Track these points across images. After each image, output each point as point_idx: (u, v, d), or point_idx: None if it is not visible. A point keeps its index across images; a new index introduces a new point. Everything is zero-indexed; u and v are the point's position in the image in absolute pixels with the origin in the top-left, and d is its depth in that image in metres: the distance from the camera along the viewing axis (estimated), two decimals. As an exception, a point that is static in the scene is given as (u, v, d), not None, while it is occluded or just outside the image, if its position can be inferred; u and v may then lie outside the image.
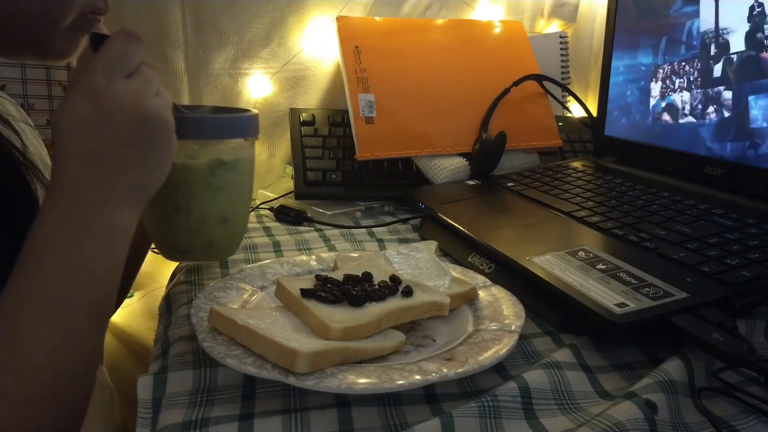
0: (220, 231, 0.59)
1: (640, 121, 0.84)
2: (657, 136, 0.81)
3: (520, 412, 0.41)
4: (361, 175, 0.87)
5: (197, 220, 0.57)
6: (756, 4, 0.67)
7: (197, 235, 0.58)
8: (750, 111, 0.68)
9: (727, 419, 0.42)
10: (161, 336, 0.53)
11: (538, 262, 0.56)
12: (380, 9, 1.03)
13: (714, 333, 0.43)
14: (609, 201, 0.71)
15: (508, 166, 0.91)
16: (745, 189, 0.68)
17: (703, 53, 0.74)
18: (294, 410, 0.41)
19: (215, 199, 0.57)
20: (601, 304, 0.48)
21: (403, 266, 0.59)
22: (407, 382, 0.40)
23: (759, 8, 0.67)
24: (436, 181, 0.87)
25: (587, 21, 1.15)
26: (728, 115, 0.71)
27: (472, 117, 0.91)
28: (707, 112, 0.74)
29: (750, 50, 0.68)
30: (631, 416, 0.38)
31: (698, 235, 0.59)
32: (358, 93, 0.88)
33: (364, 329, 0.46)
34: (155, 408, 0.42)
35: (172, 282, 0.65)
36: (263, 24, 0.95)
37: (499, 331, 0.48)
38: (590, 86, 1.14)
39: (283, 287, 0.50)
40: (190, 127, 0.54)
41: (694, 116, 0.75)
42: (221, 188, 0.57)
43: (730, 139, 0.71)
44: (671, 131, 0.79)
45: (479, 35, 1.01)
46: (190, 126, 0.54)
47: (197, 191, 0.56)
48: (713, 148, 0.73)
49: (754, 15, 0.67)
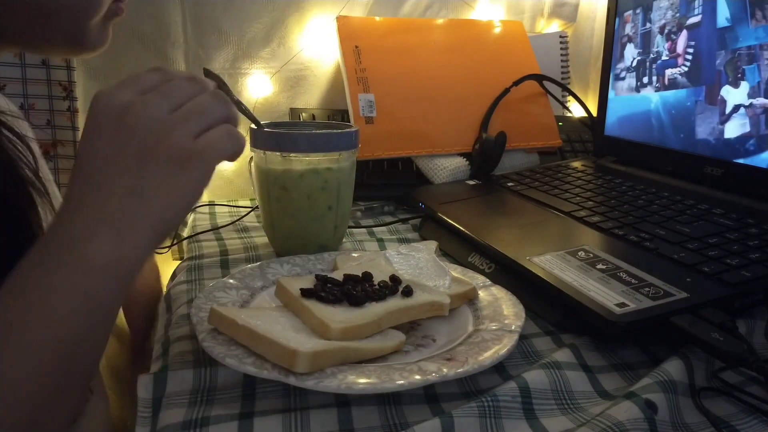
0: (347, 222, 0.72)
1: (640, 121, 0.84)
2: (657, 135, 0.81)
3: (520, 412, 0.41)
4: (361, 175, 0.87)
5: (342, 216, 0.68)
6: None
7: (339, 229, 0.69)
8: (750, 110, 0.68)
9: (727, 419, 0.42)
10: (162, 336, 0.53)
11: (538, 262, 0.56)
12: (380, 9, 1.03)
13: (714, 333, 0.43)
14: (609, 201, 0.71)
15: (508, 166, 0.91)
16: (745, 189, 0.68)
17: (703, 53, 0.74)
18: (294, 410, 0.41)
19: (349, 195, 0.69)
20: (601, 304, 0.48)
21: (403, 266, 0.59)
22: (407, 382, 0.40)
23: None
24: (436, 181, 0.87)
25: (587, 21, 1.15)
26: (729, 114, 0.71)
27: (472, 117, 0.91)
28: (707, 112, 0.74)
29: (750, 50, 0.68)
30: (631, 416, 0.38)
31: (698, 235, 0.59)
32: (358, 93, 0.88)
33: (364, 329, 0.46)
34: (155, 407, 0.42)
35: (172, 282, 0.65)
36: (263, 24, 0.95)
37: (499, 331, 0.48)
38: (590, 86, 1.14)
39: (283, 287, 0.50)
40: (342, 140, 0.65)
41: (695, 116, 0.75)
42: (350, 185, 0.69)
43: (730, 138, 0.71)
44: (671, 131, 0.79)
45: (479, 35, 1.01)
46: (342, 139, 0.65)
47: (344, 191, 0.67)
48: (713, 147, 0.73)
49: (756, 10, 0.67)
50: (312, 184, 0.64)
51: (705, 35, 0.74)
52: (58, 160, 0.91)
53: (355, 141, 0.67)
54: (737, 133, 0.70)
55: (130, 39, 0.89)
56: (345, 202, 0.68)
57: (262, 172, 0.66)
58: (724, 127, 0.71)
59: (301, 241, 0.67)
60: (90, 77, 0.91)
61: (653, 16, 0.82)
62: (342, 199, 0.67)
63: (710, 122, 0.73)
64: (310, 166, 0.64)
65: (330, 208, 0.66)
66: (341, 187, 0.66)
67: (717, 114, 0.72)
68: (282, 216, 0.67)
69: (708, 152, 0.73)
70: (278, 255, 0.68)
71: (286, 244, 0.68)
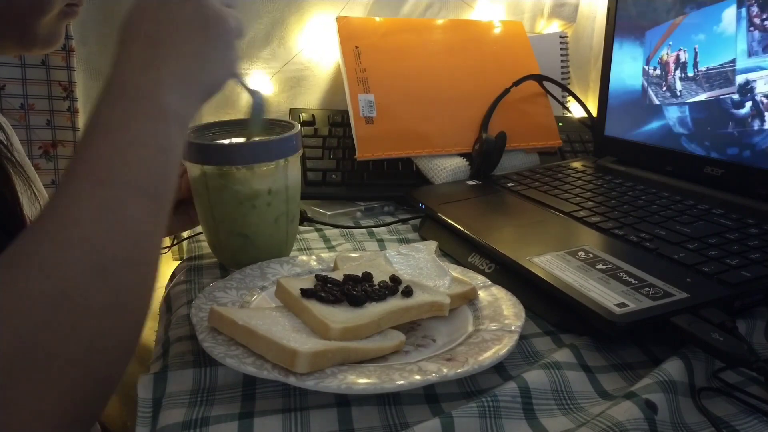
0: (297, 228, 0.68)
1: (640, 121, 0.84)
2: (657, 136, 0.81)
3: (520, 412, 0.41)
4: (361, 175, 0.87)
5: (292, 222, 0.64)
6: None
7: (290, 238, 0.65)
8: (750, 110, 0.68)
9: (727, 419, 0.42)
10: (162, 336, 0.53)
11: (538, 262, 0.56)
12: (380, 9, 1.03)
13: (714, 333, 0.43)
14: (609, 201, 0.71)
15: (508, 166, 0.91)
16: (745, 189, 0.68)
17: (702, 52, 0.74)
18: (294, 410, 0.41)
19: (297, 201, 0.65)
20: (601, 304, 0.48)
21: (403, 266, 0.59)
22: (407, 382, 0.40)
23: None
24: (436, 181, 0.87)
25: (587, 21, 1.15)
26: (729, 114, 0.71)
27: (472, 117, 0.91)
28: (708, 112, 0.74)
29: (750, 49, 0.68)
30: (631, 416, 0.39)
31: (698, 235, 0.59)
32: (358, 93, 0.88)
33: (364, 329, 0.46)
34: (155, 407, 0.42)
35: (172, 282, 0.65)
36: (263, 24, 0.95)
37: (499, 331, 0.48)
38: (590, 86, 1.14)
39: (283, 287, 0.50)
40: (284, 146, 0.60)
41: (695, 115, 0.75)
42: (297, 191, 0.65)
43: (730, 138, 0.71)
44: (671, 131, 0.79)
45: (479, 35, 1.01)
46: (284, 144, 0.60)
47: (292, 200, 0.63)
48: (713, 148, 0.73)
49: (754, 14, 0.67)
50: (256, 197, 0.59)
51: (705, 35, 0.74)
52: (58, 160, 0.91)
53: (297, 144, 0.61)
54: (737, 133, 0.70)
55: (130, 39, 0.89)
56: (293, 209, 0.63)
57: (199, 186, 0.60)
58: (725, 126, 0.71)
59: (252, 255, 0.62)
60: (90, 77, 0.91)
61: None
62: (291, 208, 0.62)
63: (711, 122, 0.73)
64: (251, 178, 0.58)
65: (277, 220, 0.61)
66: (289, 197, 0.61)
67: (717, 114, 0.72)
68: (229, 234, 0.61)
69: (708, 152, 0.73)
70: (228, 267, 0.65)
71: (235, 258, 0.63)
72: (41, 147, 0.90)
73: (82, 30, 0.89)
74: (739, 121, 0.70)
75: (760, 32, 0.67)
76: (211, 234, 0.64)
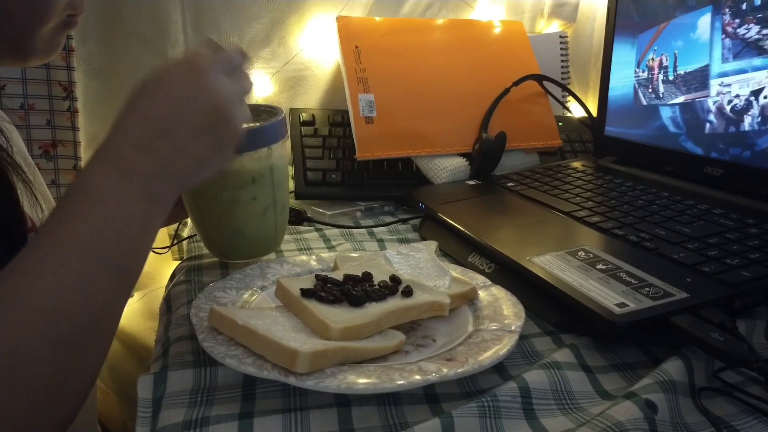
0: (287, 219, 0.67)
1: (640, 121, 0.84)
2: (657, 135, 0.81)
3: (520, 412, 0.41)
4: (361, 175, 0.87)
5: (281, 213, 0.63)
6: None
7: (280, 228, 0.64)
8: (750, 110, 0.68)
9: (727, 419, 0.42)
10: (162, 336, 0.53)
11: (538, 262, 0.56)
12: (380, 9, 1.03)
13: (714, 333, 0.43)
14: (609, 201, 0.71)
15: (508, 166, 0.91)
16: (745, 189, 0.68)
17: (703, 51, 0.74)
18: (294, 410, 0.41)
19: (286, 189, 0.64)
20: (601, 304, 0.48)
21: (403, 266, 0.59)
22: (407, 382, 0.40)
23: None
24: (436, 181, 0.87)
25: (587, 21, 1.15)
26: (729, 114, 0.71)
27: (472, 117, 0.91)
28: (707, 112, 0.74)
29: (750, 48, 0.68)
30: (631, 416, 0.39)
31: (698, 235, 0.59)
32: (358, 93, 0.88)
33: (364, 329, 0.46)
34: (155, 407, 0.42)
35: (172, 282, 0.65)
36: (263, 24, 0.95)
37: (499, 331, 0.48)
38: (590, 86, 1.14)
39: (283, 287, 0.50)
40: (269, 133, 0.58)
41: (694, 115, 0.75)
42: (286, 178, 0.63)
43: (730, 138, 0.71)
44: (671, 131, 0.79)
45: (479, 35, 1.01)
46: (268, 132, 0.58)
47: (280, 188, 0.62)
48: (713, 147, 0.73)
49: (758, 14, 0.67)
50: (240, 188, 0.58)
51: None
52: (58, 160, 0.91)
53: (284, 130, 0.60)
54: (737, 133, 0.70)
55: (130, 39, 0.89)
56: (282, 199, 0.62)
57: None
58: (725, 126, 0.71)
59: (241, 247, 0.62)
60: (90, 77, 0.91)
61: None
62: (279, 197, 0.61)
63: (711, 122, 0.73)
64: (235, 168, 0.56)
65: (266, 211, 0.60)
66: (276, 185, 0.60)
67: (717, 114, 0.72)
68: (217, 226, 0.61)
69: (708, 152, 0.73)
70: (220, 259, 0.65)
71: (225, 250, 0.63)
72: (41, 147, 0.90)
73: (82, 30, 0.89)
74: (739, 119, 0.70)
75: (732, 39, 0.67)
76: (199, 227, 0.63)
